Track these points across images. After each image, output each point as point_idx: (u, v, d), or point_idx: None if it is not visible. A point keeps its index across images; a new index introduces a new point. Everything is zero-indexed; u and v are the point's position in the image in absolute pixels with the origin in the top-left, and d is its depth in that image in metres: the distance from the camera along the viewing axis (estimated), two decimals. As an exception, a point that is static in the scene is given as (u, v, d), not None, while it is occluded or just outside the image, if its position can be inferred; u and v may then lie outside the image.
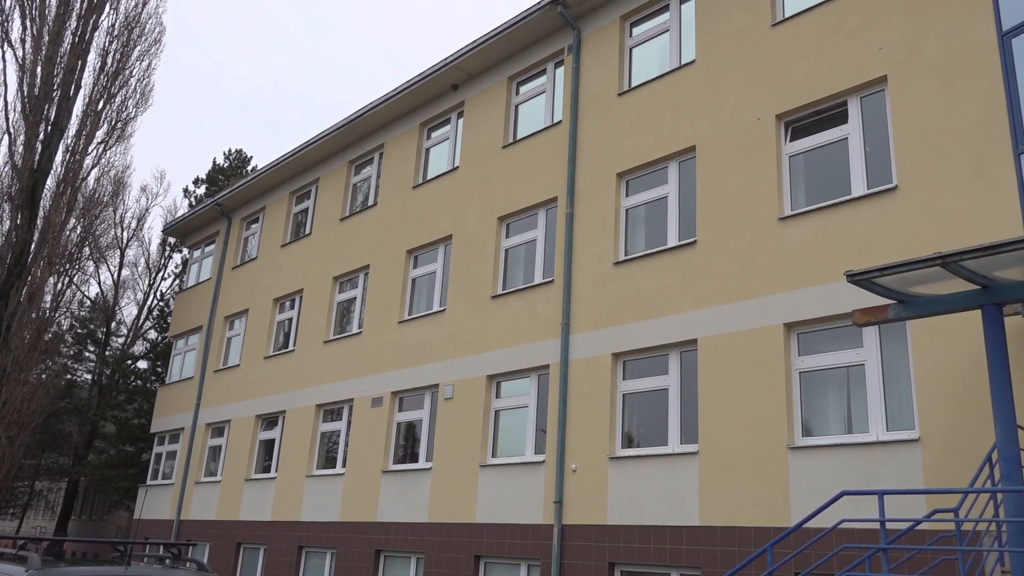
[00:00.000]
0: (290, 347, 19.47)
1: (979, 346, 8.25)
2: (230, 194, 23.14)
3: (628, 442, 11.98)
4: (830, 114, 10.95)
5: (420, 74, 17.01)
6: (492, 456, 13.77)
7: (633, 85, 13.65)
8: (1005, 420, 6.48)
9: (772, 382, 10.30)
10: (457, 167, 16.39)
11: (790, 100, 11.22)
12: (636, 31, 14.08)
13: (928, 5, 10.11)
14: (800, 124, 11.25)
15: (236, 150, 40.96)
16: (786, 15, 11.78)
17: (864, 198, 10.14)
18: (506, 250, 14.91)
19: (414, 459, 15.29)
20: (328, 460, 17.31)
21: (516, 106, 15.87)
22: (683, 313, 11.53)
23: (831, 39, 11.00)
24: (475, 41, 15.90)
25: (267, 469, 18.91)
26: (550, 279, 13.63)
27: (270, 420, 19.37)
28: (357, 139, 19.35)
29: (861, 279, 7.02)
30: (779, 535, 7.96)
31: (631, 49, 14.03)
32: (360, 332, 17.29)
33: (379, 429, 15.89)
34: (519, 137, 15.41)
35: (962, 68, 9.64)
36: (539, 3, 14.68)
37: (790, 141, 11.27)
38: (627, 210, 13.06)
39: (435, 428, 14.81)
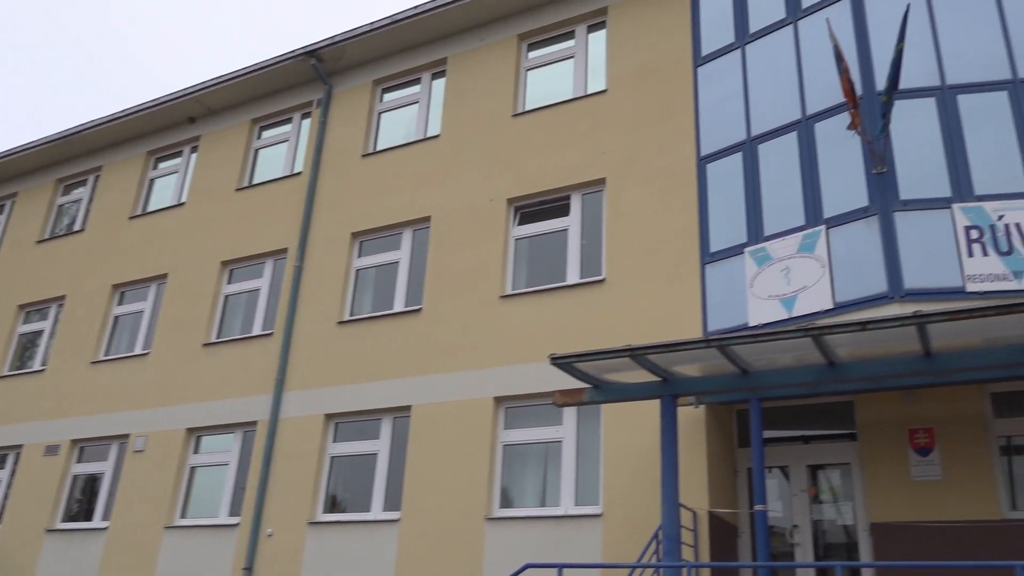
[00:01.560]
0: (-49, 380, 16.75)
1: (658, 432, 9.08)
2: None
3: (331, 507, 11.63)
4: (555, 205, 11.77)
5: (154, 100, 15.91)
6: (181, 517, 12.68)
7: (378, 149, 13.79)
8: (670, 501, 7.16)
9: (478, 453, 10.57)
10: (183, 203, 15.41)
11: (522, 187, 11.91)
12: (387, 97, 14.32)
13: (647, 123, 11.32)
14: (528, 210, 11.97)
15: (-81, 146, 35.30)
16: (526, 108, 12.61)
17: (577, 286, 10.92)
18: (226, 296, 14.14)
19: (88, 517, 13.64)
20: (-20, 514, 14.92)
21: (256, 150, 15.36)
22: (401, 379, 11.56)
23: (563, 137, 11.91)
24: (221, 77, 15.25)
25: (-103, 523, 15.86)
26: (270, 332, 13.09)
27: (-89, 464, 16.37)
28: (71, 157, 17.56)
29: (563, 363, 7.49)
30: (466, 606, 8.06)
31: (380, 113, 14.22)
32: (43, 369, 15.35)
33: (50, 481, 14.03)
34: (255, 182, 14.88)
35: (669, 182, 10.83)
36: (293, 52, 14.47)
37: (518, 225, 11.93)
38: (358, 271, 12.99)
39: (119, 483, 13.38)
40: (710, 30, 11.17)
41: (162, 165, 16.51)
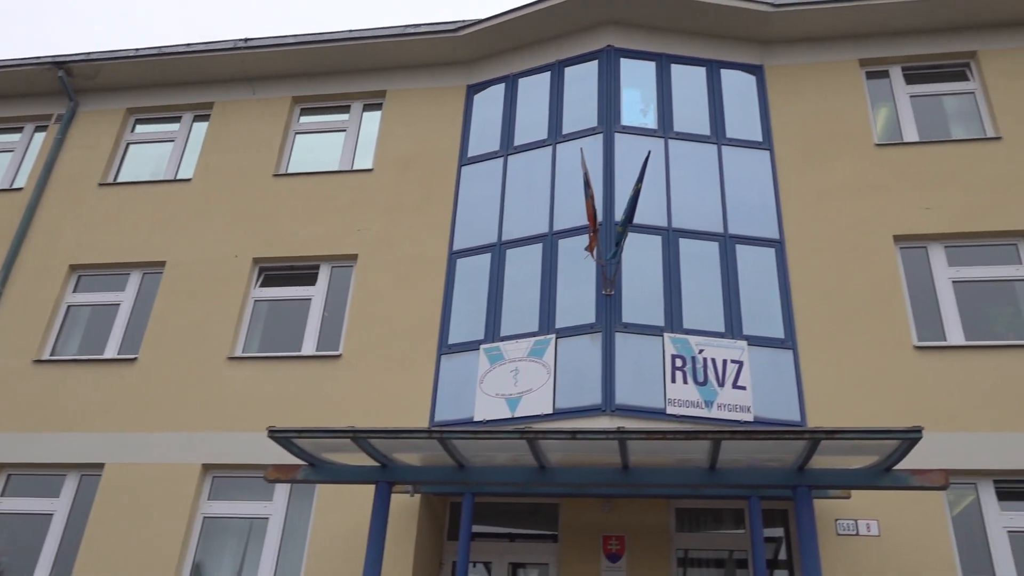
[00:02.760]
0: None
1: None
2: None
3: (-17, 573, 10.06)
4: (302, 272, 11.50)
5: None
6: None
7: (119, 180, 12.78)
8: (370, 592, 7.02)
9: (174, 523, 9.73)
10: None
11: (270, 248, 11.54)
12: (140, 129, 13.40)
13: (406, 209, 11.49)
14: (273, 273, 11.59)
15: None
16: (288, 171, 12.37)
17: (312, 358, 10.64)
18: None
19: None
20: None
21: (-29, 154, 13.61)
22: (98, 433, 10.46)
23: (321, 207, 11.77)
24: (-57, 65, 13.48)
25: None
26: (-55, 360, 11.35)
27: None
28: None
29: (281, 437, 7.20)
30: None
31: (129, 144, 13.25)
32: None
33: None
34: (-38, 189, 13.12)
35: (418, 270, 11.00)
36: (39, 58, 13.19)
37: (260, 286, 11.49)
38: (70, 306, 11.75)
39: None
40: (479, 134, 11.77)
41: None
